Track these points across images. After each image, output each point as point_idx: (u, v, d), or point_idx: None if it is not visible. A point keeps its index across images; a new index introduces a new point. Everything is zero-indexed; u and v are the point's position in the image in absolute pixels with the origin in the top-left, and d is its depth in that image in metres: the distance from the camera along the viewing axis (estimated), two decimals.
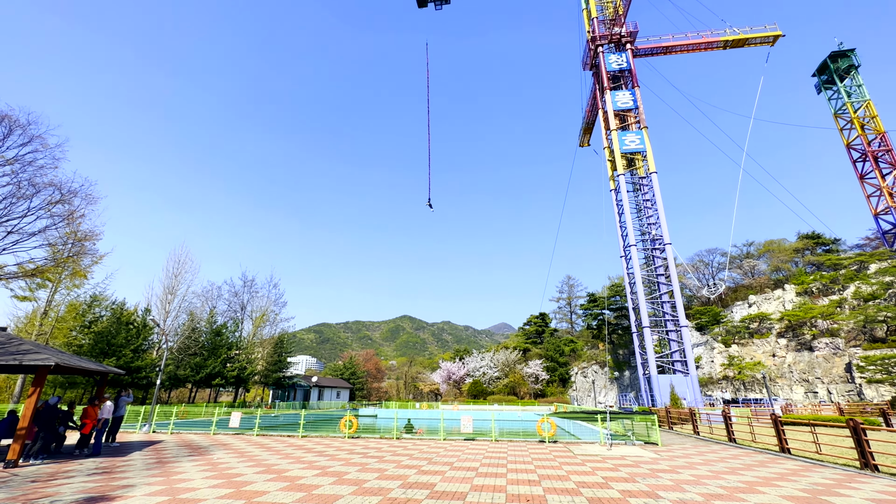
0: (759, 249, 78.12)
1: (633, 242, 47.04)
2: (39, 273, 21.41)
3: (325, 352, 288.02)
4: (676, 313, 43.57)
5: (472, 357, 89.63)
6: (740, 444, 17.90)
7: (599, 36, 55.79)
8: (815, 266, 67.38)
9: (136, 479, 10.05)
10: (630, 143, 49.73)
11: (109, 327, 38.05)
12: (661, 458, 13.89)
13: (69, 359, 14.34)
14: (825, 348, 51.28)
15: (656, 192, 47.01)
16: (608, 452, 15.27)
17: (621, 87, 54.43)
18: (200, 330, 49.27)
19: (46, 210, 20.03)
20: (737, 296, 70.14)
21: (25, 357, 12.50)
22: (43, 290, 29.76)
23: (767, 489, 9.16)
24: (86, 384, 37.64)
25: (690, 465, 12.47)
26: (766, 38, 55.37)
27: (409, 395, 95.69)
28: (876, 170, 55.17)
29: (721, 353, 59.26)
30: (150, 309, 44.58)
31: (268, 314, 58.84)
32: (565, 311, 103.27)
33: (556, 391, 75.18)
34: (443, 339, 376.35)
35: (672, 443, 18.77)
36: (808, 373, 50.77)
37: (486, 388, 77.59)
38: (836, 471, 11.52)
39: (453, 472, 11.16)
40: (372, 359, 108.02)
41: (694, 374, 40.63)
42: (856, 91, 56.80)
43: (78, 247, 24.64)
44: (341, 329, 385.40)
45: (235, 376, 46.72)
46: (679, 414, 29.51)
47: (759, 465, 12.62)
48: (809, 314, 53.57)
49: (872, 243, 66.55)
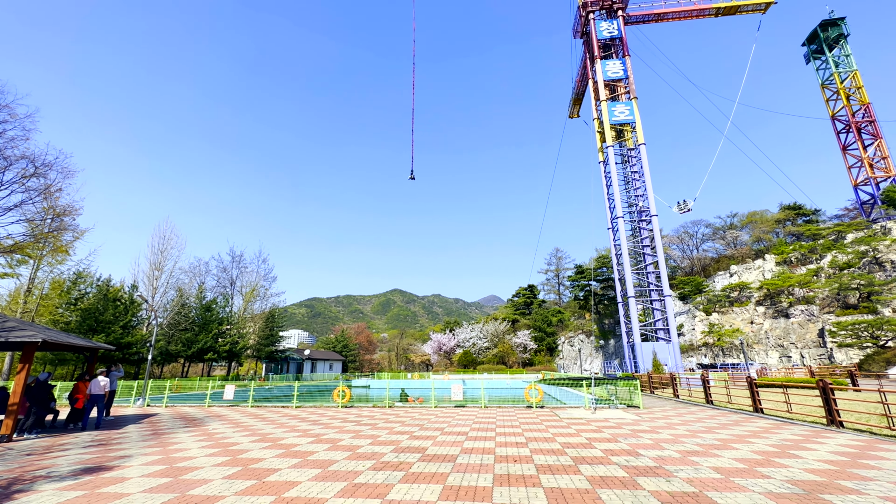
0: (742, 221, 79.56)
1: (620, 214, 47.50)
2: (18, 249, 20.86)
3: (316, 326, 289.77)
4: (661, 283, 44.64)
5: (462, 329, 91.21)
6: (717, 405, 18.83)
7: (591, 2, 54.22)
8: (796, 236, 69.10)
9: (132, 451, 10.25)
10: (619, 114, 49.35)
11: (96, 304, 37.60)
12: (643, 420, 14.58)
13: (57, 335, 14.24)
14: (800, 315, 53.35)
15: (644, 164, 47.14)
16: (592, 416, 15.96)
17: (612, 57, 53.45)
18: (190, 306, 49.00)
19: (20, 184, 19.30)
20: (720, 266, 71.89)
21: (11, 334, 12.38)
22: (25, 268, 29.12)
23: (740, 445, 9.75)
24: (76, 361, 37.52)
25: (669, 426, 13.13)
26: (758, 6, 54.46)
27: (401, 366, 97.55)
28: (858, 141, 55.90)
29: (702, 321, 61.27)
30: (136, 285, 44.04)
31: (258, 289, 58.64)
32: (553, 283, 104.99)
33: (544, 360, 77.36)
34: (433, 311, 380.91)
35: (653, 406, 19.66)
36: (784, 338, 52.96)
37: (475, 359, 79.45)
38: (804, 427, 12.26)
39: (444, 436, 11.59)
40: (363, 332, 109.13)
41: (676, 341, 42.10)
42: (844, 61, 56.72)
43: (57, 222, 23.97)
44: (332, 303, 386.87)
45: (228, 350, 46.95)
46: (660, 379, 30.76)
47: (733, 424, 13.35)
48: (787, 283, 55.37)
49: (851, 213, 68.30)
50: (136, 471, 8.04)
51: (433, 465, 8.13)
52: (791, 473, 7.17)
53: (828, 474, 7.07)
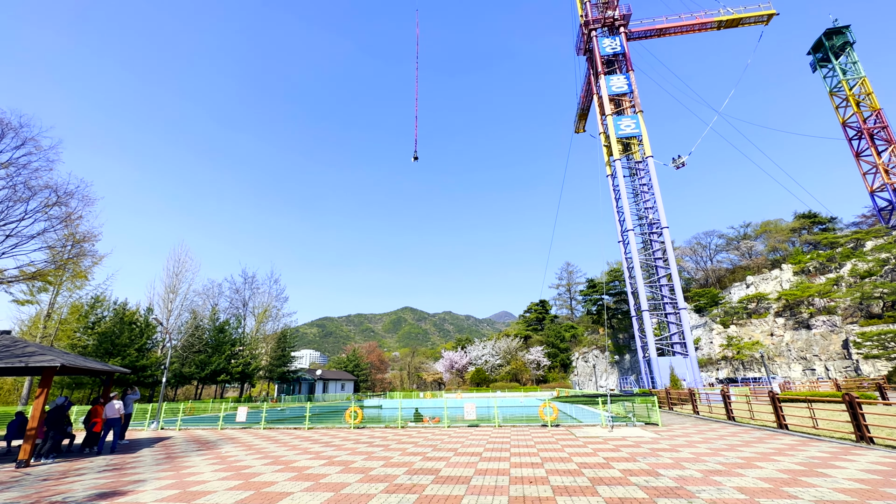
0: (756, 230, 78.26)
1: (630, 227, 47.13)
2: (40, 276, 21.45)
3: (328, 345, 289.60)
4: (675, 296, 43.87)
5: (473, 346, 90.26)
6: (739, 421, 18.22)
7: (593, 20, 55.16)
8: (812, 245, 67.65)
9: (146, 475, 10.26)
10: (625, 128, 49.51)
11: (113, 327, 38.24)
12: (662, 438, 14.16)
13: (74, 359, 14.49)
14: (822, 326, 51.76)
15: (652, 177, 46.96)
16: (609, 434, 15.56)
17: (615, 72, 53.98)
18: (203, 327, 49.52)
19: (44, 213, 20.01)
20: (734, 277, 70.50)
21: (31, 359, 12.64)
22: (44, 293, 29.84)
23: (765, 464, 9.40)
24: (92, 384, 37.96)
25: (690, 444, 12.73)
26: (761, 17, 54.80)
27: (413, 385, 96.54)
28: (872, 147, 55.06)
29: (720, 334, 59.78)
30: (152, 308, 44.75)
31: (270, 310, 59.10)
32: (565, 298, 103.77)
33: (558, 376, 75.93)
34: (444, 329, 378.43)
35: (672, 423, 19.10)
36: (806, 350, 51.31)
37: (488, 376, 78.33)
38: (832, 444, 11.78)
39: (458, 457, 11.39)
40: (375, 351, 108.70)
41: (693, 355, 41.07)
42: (851, 68, 56.40)
43: (77, 248, 24.67)
44: (343, 322, 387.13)
45: (240, 372, 47.10)
46: (679, 395, 29.92)
47: (757, 441, 12.89)
48: (807, 293, 53.96)
49: (868, 221, 66.75)
50: (150, 496, 8.04)
51: (447, 487, 7.99)
52: (820, 493, 6.88)
53: (859, 494, 6.77)
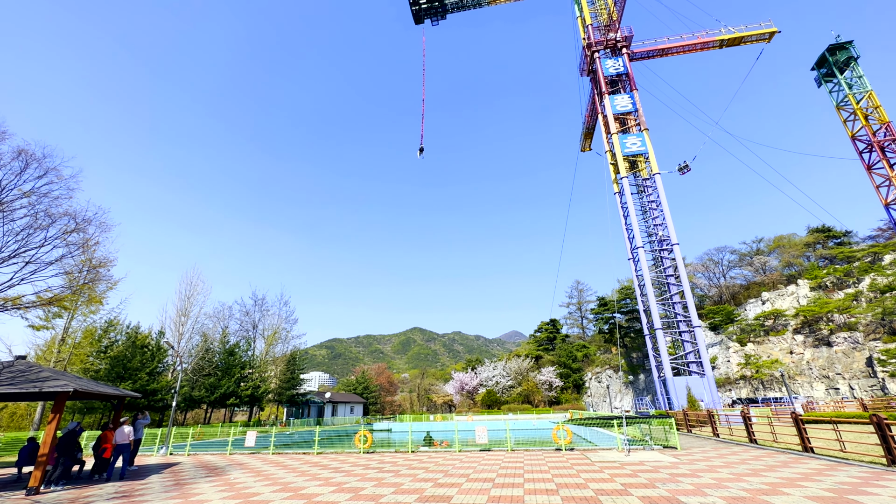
0: (770, 245, 77.09)
1: (640, 244, 46.74)
2: (57, 301, 21.84)
3: (337, 367, 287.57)
4: (688, 314, 43.04)
5: (484, 367, 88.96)
6: (761, 444, 17.55)
7: (595, 42, 56.26)
8: (828, 260, 66.33)
9: (155, 502, 10.15)
10: (631, 146, 49.74)
11: (125, 351, 38.52)
12: (681, 462, 13.67)
13: (87, 384, 14.59)
14: (844, 343, 50.20)
15: (660, 193, 46.83)
16: (626, 458, 15.07)
17: (619, 91, 54.64)
18: (214, 350, 49.61)
19: (62, 239, 20.53)
20: (749, 293, 69.12)
21: (45, 384, 12.75)
22: (60, 318, 30.31)
23: (791, 490, 9.00)
24: (103, 409, 38.00)
25: (711, 469, 12.26)
26: (762, 36, 55.41)
27: (423, 407, 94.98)
28: (883, 160, 54.50)
29: (737, 352, 58.24)
30: (163, 332, 45.08)
31: (279, 332, 59.14)
32: (576, 317, 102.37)
33: (571, 398, 74.23)
34: (454, 349, 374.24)
35: (691, 446, 18.46)
36: (828, 369, 49.65)
37: (499, 398, 76.85)
38: (862, 469, 11.26)
39: (470, 483, 11.10)
40: (384, 372, 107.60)
41: (710, 374, 39.94)
42: (857, 82, 56.41)
43: (93, 274, 25.14)
44: (352, 344, 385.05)
45: (250, 395, 46.85)
46: (697, 416, 28.99)
47: (781, 465, 12.38)
48: (825, 309, 52.61)
49: (885, 234, 65.44)
50: None
51: None
52: None
53: None
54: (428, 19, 62.52)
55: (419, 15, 61.60)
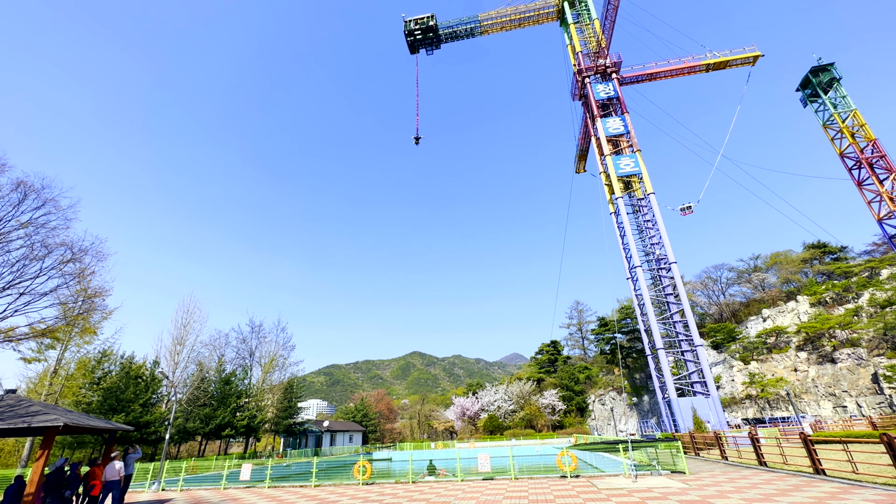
0: (767, 262, 77.34)
1: (637, 264, 46.83)
2: (50, 333, 21.55)
3: (335, 394, 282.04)
4: (690, 332, 42.70)
5: (485, 391, 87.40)
6: (771, 467, 17.10)
7: (585, 68, 57.96)
8: (826, 275, 66.46)
9: None
10: (625, 167, 50.52)
11: (118, 382, 37.72)
12: (690, 488, 13.28)
13: (77, 418, 14.20)
14: (848, 359, 49.70)
15: (656, 213, 47.27)
16: (633, 485, 14.63)
17: (611, 114, 55.91)
18: (209, 380, 48.67)
19: (58, 269, 20.44)
20: (749, 311, 68.87)
21: (35, 419, 12.40)
22: (52, 350, 29.82)
23: None
24: (94, 443, 36.91)
25: (721, 494, 11.91)
26: (747, 59, 57.26)
27: (424, 434, 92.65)
28: (873, 176, 55.44)
29: (740, 370, 57.51)
30: (158, 361, 44.33)
31: (277, 359, 58.22)
32: (577, 338, 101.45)
33: (575, 421, 72.68)
34: (454, 373, 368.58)
35: (700, 470, 17.97)
36: (834, 386, 48.96)
37: (501, 423, 75.16)
38: (876, 491, 10.95)
39: None
40: (383, 399, 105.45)
41: (715, 394, 39.29)
42: (841, 102, 57.98)
43: (88, 304, 24.90)
44: (351, 370, 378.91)
45: (246, 426, 45.68)
46: (704, 438, 28.34)
47: (793, 489, 12.03)
48: (826, 325, 52.32)
49: (881, 249, 65.87)
50: None
51: None
52: None
53: None
54: (423, 49, 64.60)
55: (414, 45, 63.67)
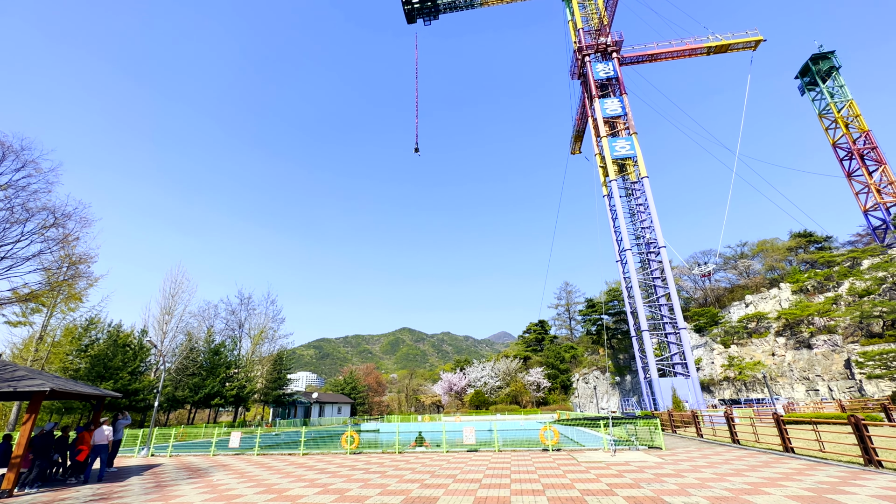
0: (753, 249, 78.58)
1: (628, 247, 47.28)
2: (34, 297, 21.24)
3: (325, 367, 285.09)
4: (674, 316, 43.65)
5: (472, 367, 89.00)
6: (744, 445, 17.84)
7: (586, 46, 56.76)
8: (809, 264, 67.86)
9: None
10: (620, 150, 50.29)
11: (106, 350, 37.60)
12: (666, 463, 13.82)
13: (65, 383, 14.18)
14: (824, 345, 51.41)
15: (648, 197, 47.44)
16: (612, 459, 15.18)
17: (609, 95, 55.20)
18: (198, 350, 48.73)
19: (40, 234, 19.97)
20: (733, 296, 70.35)
21: (20, 383, 12.35)
22: (38, 315, 29.47)
23: (772, 489, 9.15)
24: (83, 409, 37.07)
25: (695, 469, 12.41)
26: (748, 44, 56.52)
27: (411, 408, 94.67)
28: (863, 167, 55.97)
29: (721, 354, 59.24)
30: (146, 330, 44.16)
31: (266, 331, 58.37)
32: (564, 318, 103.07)
33: (558, 398, 74.68)
34: (443, 350, 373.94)
35: (676, 446, 18.68)
36: (809, 371, 50.79)
37: (487, 398, 76.96)
38: (840, 469, 11.50)
39: (456, 484, 11.06)
40: (372, 373, 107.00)
41: (695, 376, 40.56)
42: (838, 91, 57.86)
43: (73, 270, 24.49)
44: (341, 344, 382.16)
45: (235, 395, 46.13)
46: (682, 417, 29.39)
47: (763, 465, 12.58)
48: (806, 312, 53.79)
49: (864, 239, 67.20)
50: None
51: None
52: None
53: None
54: (420, 19, 62.48)
55: (412, 14, 61.52)
